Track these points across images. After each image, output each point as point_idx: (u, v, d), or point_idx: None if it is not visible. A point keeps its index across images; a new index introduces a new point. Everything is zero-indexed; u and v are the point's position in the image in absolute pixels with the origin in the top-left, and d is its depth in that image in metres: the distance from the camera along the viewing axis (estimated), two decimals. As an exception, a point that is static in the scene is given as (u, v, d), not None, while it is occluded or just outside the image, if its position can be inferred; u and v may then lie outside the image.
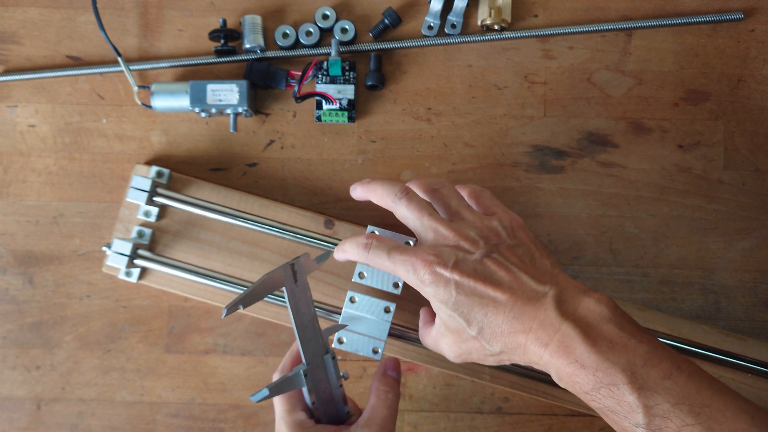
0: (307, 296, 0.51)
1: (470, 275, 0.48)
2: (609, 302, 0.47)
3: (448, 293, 0.48)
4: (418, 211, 0.51)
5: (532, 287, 0.47)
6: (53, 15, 0.67)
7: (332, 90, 0.65)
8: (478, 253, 0.49)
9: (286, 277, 0.50)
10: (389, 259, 0.50)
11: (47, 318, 0.65)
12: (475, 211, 0.53)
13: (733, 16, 0.66)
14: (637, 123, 0.66)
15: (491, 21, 0.65)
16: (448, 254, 0.48)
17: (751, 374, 0.63)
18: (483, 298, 0.47)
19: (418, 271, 0.49)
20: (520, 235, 0.51)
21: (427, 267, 0.48)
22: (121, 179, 0.66)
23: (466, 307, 0.48)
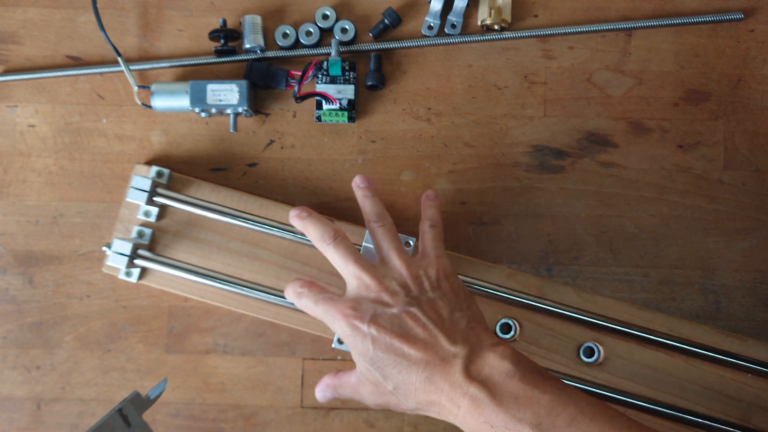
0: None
1: (387, 330, 0.49)
2: (512, 355, 0.48)
3: (366, 347, 0.49)
4: (344, 257, 0.53)
5: (445, 347, 0.48)
6: (53, 15, 0.67)
7: (332, 90, 0.65)
8: (396, 307, 0.50)
9: (116, 426, 0.49)
10: (315, 308, 0.52)
11: (47, 318, 0.65)
12: (404, 255, 0.53)
13: (733, 16, 0.66)
14: (637, 123, 0.66)
15: (491, 21, 0.65)
16: (367, 307, 0.50)
17: (751, 374, 0.63)
18: (398, 355, 0.48)
19: (338, 322, 0.50)
20: (444, 285, 0.52)
21: (346, 320, 0.50)
22: (121, 179, 0.66)
23: (382, 363, 0.49)
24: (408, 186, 0.66)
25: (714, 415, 0.62)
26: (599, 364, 0.63)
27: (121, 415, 0.50)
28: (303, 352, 0.64)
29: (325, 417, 0.64)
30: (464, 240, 0.65)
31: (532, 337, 0.63)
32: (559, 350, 0.63)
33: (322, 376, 0.64)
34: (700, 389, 0.63)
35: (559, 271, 0.65)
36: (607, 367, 0.63)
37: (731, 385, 0.63)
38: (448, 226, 0.65)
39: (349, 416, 0.64)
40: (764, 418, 0.63)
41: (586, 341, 0.63)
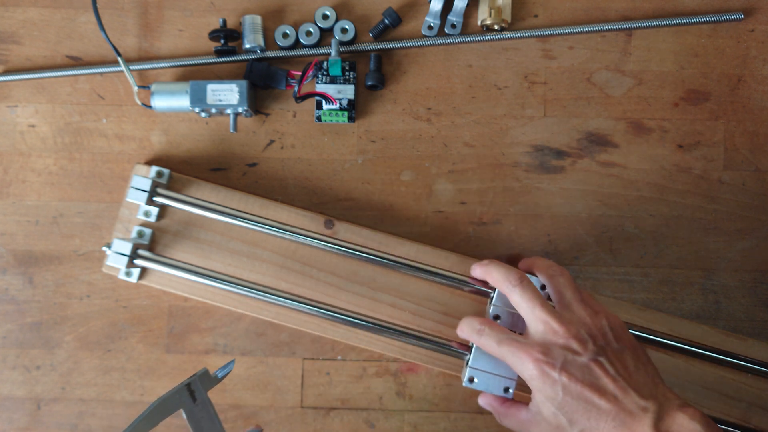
0: (209, 413, 0.51)
1: (578, 380, 0.50)
2: (702, 419, 0.49)
3: (555, 392, 0.50)
4: (531, 300, 0.53)
5: (635, 401, 0.50)
6: (53, 15, 0.67)
7: (332, 90, 0.65)
8: (585, 356, 0.51)
9: (183, 400, 0.50)
10: (499, 347, 0.53)
11: (47, 318, 0.65)
12: (586, 306, 0.54)
13: (733, 16, 0.66)
14: (637, 123, 0.66)
15: (491, 21, 0.65)
16: (557, 354, 0.51)
17: (751, 374, 0.63)
18: (588, 403, 0.50)
19: (525, 365, 0.51)
20: (624, 338, 0.53)
21: (536, 364, 0.51)
22: (121, 179, 0.66)
23: (570, 409, 0.50)
24: (408, 186, 0.66)
25: (714, 415, 0.62)
26: (599, 364, 0.63)
27: (188, 389, 0.51)
28: (303, 352, 0.64)
29: (325, 417, 0.64)
30: (464, 240, 0.65)
31: (532, 337, 0.63)
32: (559, 350, 0.63)
33: (321, 376, 0.64)
34: (700, 389, 0.63)
35: (559, 271, 0.65)
36: (607, 367, 0.63)
37: (731, 385, 0.63)
38: (448, 226, 0.65)
39: (349, 416, 0.64)
40: (764, 418, 0.63)
41: (586, 341, 0.63)
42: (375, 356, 0.64)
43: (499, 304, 0.58)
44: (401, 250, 0.64)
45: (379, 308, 0.63)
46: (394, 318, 0.63)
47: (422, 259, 0.63)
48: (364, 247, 0.62)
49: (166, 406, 0.50)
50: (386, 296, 0.64)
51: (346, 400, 0.64)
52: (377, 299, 0.64)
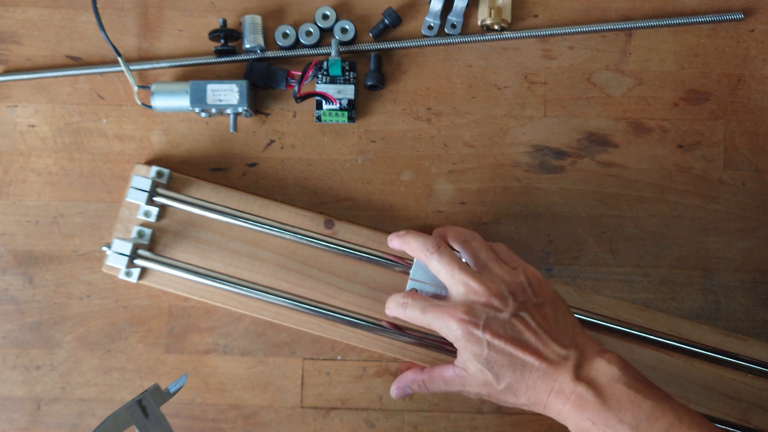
0: (163, 428, 0.51)
1: (501, 336, 0.52)
2: (619, 362, 0.51)
3: (480, 350, 0.52)
4: (449, 264, 0.55)
5: (556, 351, 0.52)
6: (53, 15, 0.67)
7: (332, 90, 0.65)
8: (507, 312, 0.53)
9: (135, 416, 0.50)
10: (423, 315, 0.54)
11: (47, 318, 0.65)
12: (503, 264, 0.55)
13: (733, 16, 0.66)
14: (637, 123, 0.66)
15: (491, 21, 0.65)
16: (479, 312, 0.52)
17: (751, 374, 0.63)
18: (512, 358, 0.52)
19: (450, 326, 0.52)
20: (543, 292, 0.55)
21: (460, 324, 0.52)
22: (121, 179, 0.66)
23: (496, 365, 0.52)
24: (408, 186, 0.66)
25: (714, 415, 0.62)
26: (599, 364, 0.63)
27: (140, 405, 0.51)
28: (303, 352, 0.64)
29: (325, 417, 0.64)
30: (464, 240, 0.65)
31: (532, 337, 0.63)
32: (559, 350, 0.63)
33: (321, 376, 0.64)
34: (700, 389, 0.63)
35: (559, 271, 0.65)
36: (607, 367, 0.63)
37: (731, 385, 0.63)
38: (448, 226, 0.65)
39: (349, 416, 0.64)
40: (764, 418, 0.63)
41: (586, 341, 0.63)
42: (375, 356, 0.64)
43: (416, 278, 0.58)
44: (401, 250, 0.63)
45: (379, 308, 0.63)
46: (394, 318, 0.63)
47: (422, 259, 0.63)
48: (364, 247, 0.62)
49: (118, 423, 0.50)
50: (386, 296, 0.63)
51: (346, 400, 0.64)
52: (377, 299, 0.64)
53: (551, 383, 0.51)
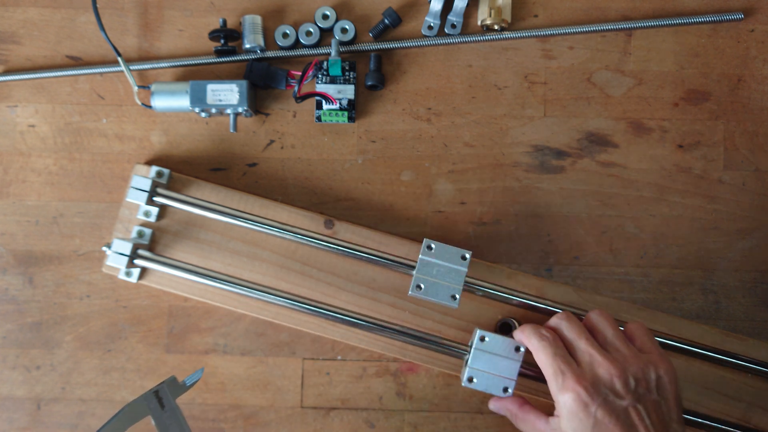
0: (178, 420, 0.51)
1: (612, 418, 0.51)
2: None
3: (586, 422, 0.51)
4: (578, 331, 0.54)
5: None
6: (53, 15, 0.67)
7: (332, 90, 0.65)
8: (626, 401, 0.51)
9: (151, 406, 0.50)
10: (552, 360, 0.53)
11: (47, 318, 0.65)
12: (631, 346, 0.54)
13: (733, 16, 0.66)
14: (637, 123, 0.66)
15: (491, 21, 0.65)
16: (601, 390, 0.51)
17: (751, 374, 0.63)
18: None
19: (569, 390, 0.52)
20: (667, 390, 0.53)
21: (577, 392, 0.51)
22: (121, 179, 0.66)
23: None
24: (408, 186, 0.66)
25: (714, 415, 0.62)
26: (599, 364, 0.63)
27: (156, 396, 0.51)
28: (303, 352, 0.64)
29: (325, 417, 0.64)
30: (464, 240, 0.65)
31: (532, 337, 0.63)
32: (559, 350, 0.63)
33: (321, 376, 0.64)
34: (700, 389, 0.63)
35: (559, 271, 0.65)
36: (607, 367, 0.63)
37: (731, 385, 0.63)
38: (448, 226, 0.65)
39: (349, 416, 0.64)
40: (764, 418, 0.63)
41: (586, 341, 0.63)
42: (375, 356, 0.64)
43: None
44: (401, 250, 0.63)
45: (379, 308, 0.63)
46: (394, 318, 0.63)
47: (422, 259, 0.63)
48: (364, 247, 0.62)
49: (134, 413, 0.50)
50: (386, 296, 0.64)
51: (346, 400, 0.64)
52: (377, 299, 0.64)
53: None
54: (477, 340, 0.58)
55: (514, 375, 0.57)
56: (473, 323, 0.63)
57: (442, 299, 0.59)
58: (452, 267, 0.59)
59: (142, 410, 0.50)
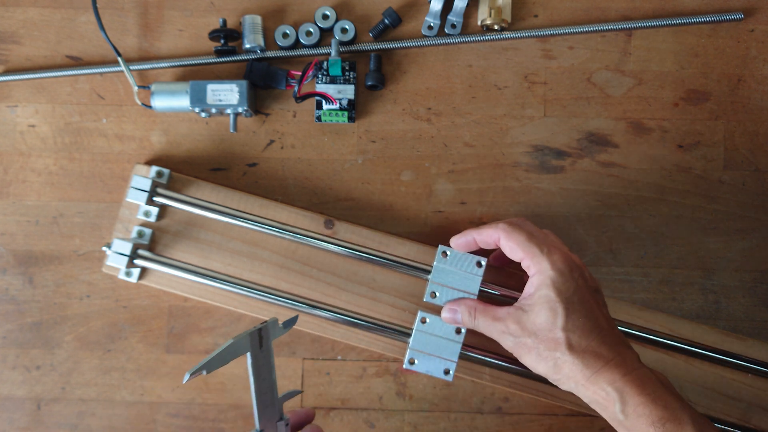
0: (269, 362, 0.52)
1: (589, 290, 0.54)
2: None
3: (570, 284, 0.52)
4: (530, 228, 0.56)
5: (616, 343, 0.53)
6: (53, 15, 0.67)
7: (332, 90, 0.65)
8: (592, 283, 0.55)
9: (252, 343, 0.51)
10: (527, 241, 0.54)
11: (47, 318, 0.65)
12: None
13: (733, 16, 0.66)
14: (637, 123, 0.66)
15: (491, 21, 0.65)
16: (576, 266, 0.54)
17: (751, 374, 0.63)
18: (590, 311, 0.53)
19: (552, 250, 0.53)
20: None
21: (565, 258, 0.53)
22: (121, 179, 0.66)
23: (573, 305, 0.52)
24: (408, 186, 0.66)
25: (714, 415, 0.62)
26: (599, 364, 0.63)
27: (259, 335, 0.51)
28: (303, 352, 0.64)
29: (325, 417, 0.64)
30: (464, 240, 0.65)
31: (532, 337, 0.63)
32: (559, 350, 0.63)
33: (321, 376, 0.64)
34: (700, 389, 0.63)
35: (559, 271, 0.65)
36: (607, 367, 0.63)
37: (731, 385, 0.63)
38: (448, 226, 0.65)
39: (349, 416, 0.64)
40: (764, 418, 0.63)
41: (586, 341, 0.63)
42: (375, 356, 0.64)
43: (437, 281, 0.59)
44: (401, 250, 0.64)
45: (379, 308, 0.63)
46: (394, 318, 0.63)
47: (422, 259, 0.63)
48: (364, 247, 0.62)
49: (236, 348, 0.50)
50: (386, 296, 0.64)
51: (346, 400, 0.64)
52: (377, 299, 0.64)
53: (617, 348, 0.51)
54: (418, 321, 0.59)
55: (455, 357, 0.58)
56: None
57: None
58: (467, 274, 0.59)
59: (244, 346, 0.50)
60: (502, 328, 0.54)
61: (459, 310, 0.57)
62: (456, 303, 0.58)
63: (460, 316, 0.57)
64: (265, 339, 0.52)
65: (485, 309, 0.56)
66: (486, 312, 0.56)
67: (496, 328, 0.54)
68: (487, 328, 0.55)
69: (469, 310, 0.57)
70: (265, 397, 0.52)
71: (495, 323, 0.54)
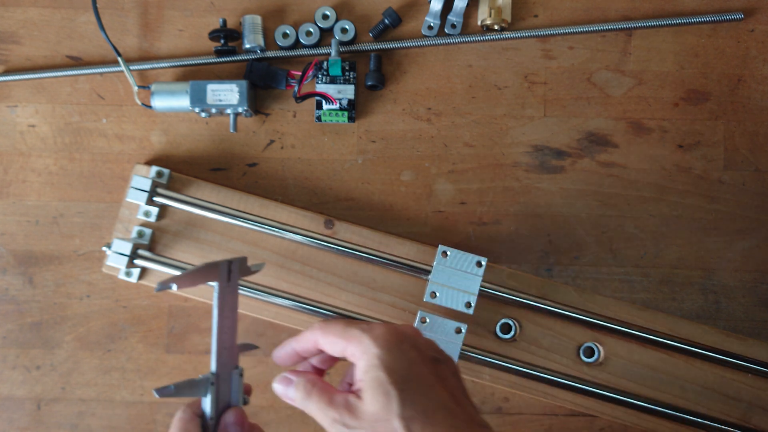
0: (234, 300, 0.50)
1: (427, 363, 0.47)
2: None
3: (401, 361, 0.46)
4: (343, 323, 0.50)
5: (473, 412, 0.47)
6: (53, 15, 0.67)
7: (332, 90, 0.65)
8: (431, 353, 0.49)
9: (221, 274, 0.50)
10: (346, 324, 0.49)
11: (47, 318, 0.65)
12: None
13: (733, 16, 0.66)
14: (637, 123, 0.66)
15: (491, 21, 0.65)
16: (408, 336, 0.48)
17: (751, 374, 0.63)
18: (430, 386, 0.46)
19: (375, 326, 0.48)
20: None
21: (391, 327, 0.48)
22: (121, 179, 0.66)
23: (411, 384, 0.45)
24: (408, 186, 0.66)
25: (714, 415, 0.62)
26: (599, 364, 0.63)
27: (229, 267, 0.50)
28: (303, 352, 0.64)
29: (325, 417, 0.64)
30: (464, 240, 0.65)
31: (532, 337, 0.63)
32: (560, 350, 0.63)
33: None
34: (700, 389, 0.63)
35: (559, 271, 0.65)
36: (607, 367, 0.63)
37: (731, 385, 0.63)
38: (448, 226, 0.65)
39: (349, 416, 0.64)
40: (764, 418, 0.63)
41: (586, 341, 0.63)
42: (375, 356, 0.64)
43: (436, 281, 0.59)
44: (401, 250, 0.64)
45: (379, 308, 0.63)
46: (394, 318, 0.63)
47: (422, 259, 0.63)
48: (364, 247, 0.62)
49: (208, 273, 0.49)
50: (386, 296, 0.64)
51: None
52: (377, 299, 0.64)
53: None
54: (418, 321, 0.59)
55: (455, 357, 0.58)
56: (472, 323, 0.63)
57: (456, 306, 0.59)
58: (467, 274, 0.59)
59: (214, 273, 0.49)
60: (335, 415, 0.45)
61: (295, 382, 0.49)
62: (295, 374, 0.49)
63: (293, 390, 0.49)
64: (234, 274, 0.50)
65: (324, 389, 0.47)
66: (323, 393, 0.47)
67: (328, 415, 0.46)
68: (319, 413, 0.47)
69: (307, 385, 0.48)
70: (226, 337, 0.50)
71: (329, 408, 0.46)
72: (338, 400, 0.46)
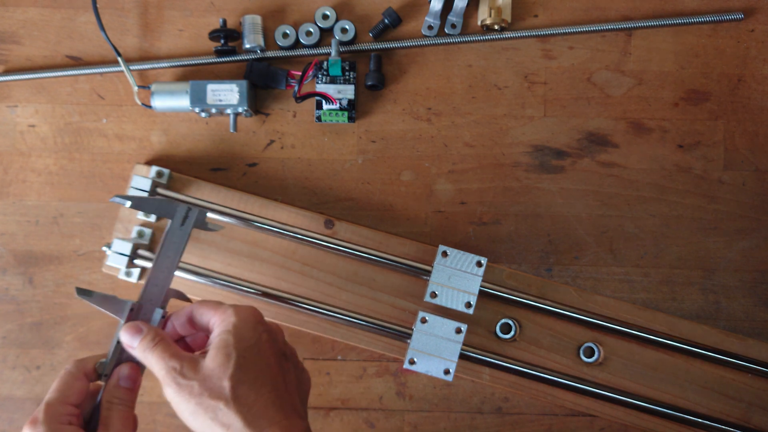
0: (181, 245, 0.52)
1: (274, 350, 0.50)
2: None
3: (252, 338, 0.49)
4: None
5: (299, 408, 0.50)
6: (53, 15, 0.67)
7: (332, 90, 0.65)
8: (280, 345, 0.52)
9: (178, 215, 0.51)
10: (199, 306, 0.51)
11: (47, 318, 0.65)
12: None
13: (733, 16, 0.66)
14: (637, 123, 0.66)
15: (491, 21, 0.65)
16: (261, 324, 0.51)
17: (751, 374, 0.63)
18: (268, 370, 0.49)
19: (237, 307, 0.50)
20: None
21: (253, 309, 0.51)
22: (121, 179, 0.66)
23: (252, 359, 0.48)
24: (408, 186, 0.66)
25: (714, 415, 0.62)
26: (599, 364, 0.63)
27: (186, 213, 0.52)
28: (303, 352, 0.64)
29: (325, 417, 0.64)
30: (464, 240, 0.65)
31: (532, 337, 0.63)
32: (559, 350, 0.63)
33: (322, 376, 0.64)
34: (700, 389, 0.63)
35: (559, 271, 0.65)
36: (607, 367, 0.63)
37: (731, 385, 0.63)
38: (448, 226, 0.65)
39: (349, 416, 0.64)
40: (764, 418, 0.63)
41: (586, 341, 0.63)
42: (375, 356, 0.64)
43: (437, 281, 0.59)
44: (401, 250, 0.64)
45: (379, 308, 0.63)
46: (394, 318, 0.63)
47: (422, 259, 0.63)
48: (364, 247, 0.62)
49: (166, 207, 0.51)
50: (386, 296, 0.64)
51: (346, 400, 0.64)
52: (377, 299, 0.64)
53: (283, 420, 0.47)
54: (418, 321, 0.59)
55: (455, 356, 0.58)
56: (472, 323, 0.63)
57: (456, 306, 0.59)
58: (467, 274, 0.59)
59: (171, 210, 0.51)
60: (175, 365, 0.47)
61: (144, 331, 0.49)
62: (145, 324, 0.50)
63: (139, 339, 0.49)
64: (189, 220, 0.52)
65: (171, 344, 0.49)
66: (170, 346, 0.49)
67: (168, 364, 0.47)
68: (160, 361, 0.48)
69: (156, 337, 0.49)
70: (161, 276, 0.51)
71: (172, 359, 0.48)
72: (183, 355, 0.49)
